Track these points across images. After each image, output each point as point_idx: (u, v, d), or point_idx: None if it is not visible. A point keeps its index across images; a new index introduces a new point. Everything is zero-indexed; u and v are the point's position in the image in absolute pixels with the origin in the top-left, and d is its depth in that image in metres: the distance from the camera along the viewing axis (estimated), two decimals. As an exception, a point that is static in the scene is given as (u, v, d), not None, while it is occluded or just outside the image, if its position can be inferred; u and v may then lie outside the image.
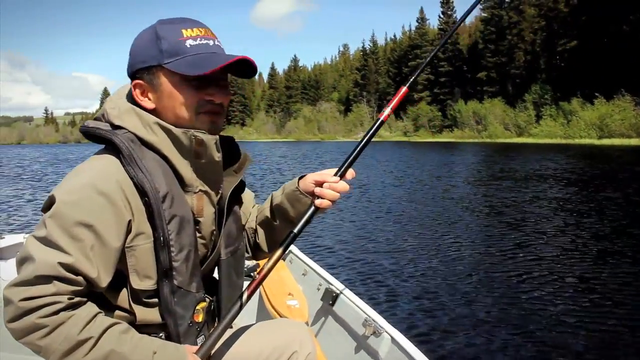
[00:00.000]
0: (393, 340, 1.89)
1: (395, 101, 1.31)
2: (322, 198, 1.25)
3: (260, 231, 1.46)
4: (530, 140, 51.39)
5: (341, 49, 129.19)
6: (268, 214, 1.41)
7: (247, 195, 1.47)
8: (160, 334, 1.17)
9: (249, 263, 2.81)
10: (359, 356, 2.09)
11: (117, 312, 1.14)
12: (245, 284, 1.30)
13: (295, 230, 1.24)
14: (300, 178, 1.34)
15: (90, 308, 1.06)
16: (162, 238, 1.11)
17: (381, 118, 1.32)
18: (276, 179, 17.40)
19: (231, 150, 1.30)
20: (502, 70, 63.29)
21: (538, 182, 14.50)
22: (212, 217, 1.24)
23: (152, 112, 1.16)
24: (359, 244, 7.38)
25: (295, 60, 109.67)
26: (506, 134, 56.90)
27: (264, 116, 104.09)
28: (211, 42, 1.16)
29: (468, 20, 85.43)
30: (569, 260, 6.08)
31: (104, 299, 1.13)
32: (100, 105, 1.27)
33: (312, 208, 1.26)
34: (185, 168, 1.17)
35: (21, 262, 1.03)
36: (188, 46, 1.13)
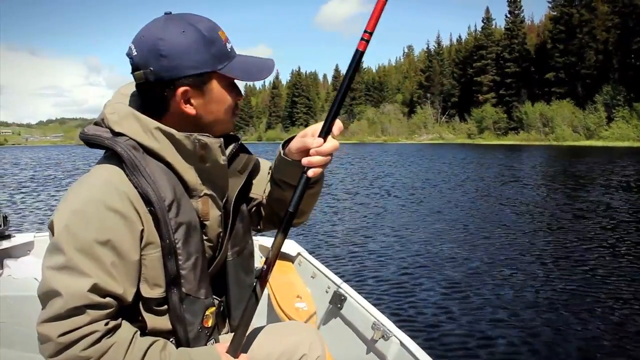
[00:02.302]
0: (402, 344, 1.87)
1: (373, 20, 1.13)
2: (311, 167, 1.16)
3: (274, 203, 1.40)
4: (600, 143, 49.81)
5: (405, 50, 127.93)
6: (272, 185, 1.37)
7: (263, 167, 1.43)
8: (171, 339, 1.18)
9: (257, 265, 3.13)
10: None
11: (128, 321, 1.12)
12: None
13: (291, 209, 1.16)
14: (285, 144, 1.28)
15: (128, 329, 1.08)
16: (169, 247, 1.10)
17: (360, 49, 1.12)
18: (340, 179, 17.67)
19: (235, 150, 1.29)
20: (572, 71, 61.23)
21: (606, 188, 14.08)
22: (218, 220, 1.24)
23: (191, 117, 1.14)
24: (371, 246, 7.42)
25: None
26: (574, 136, 55.27)
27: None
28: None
29: (537, 19, 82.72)
30: (621, 279, 5.55)
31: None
32: None
33: (304, 180, 1.16)
34: (189, 173, 1.15)
35: (47, 297, 1.01)
36: (229, 50, 1.15)
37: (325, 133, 1.15)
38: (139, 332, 1.11)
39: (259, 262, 3.05)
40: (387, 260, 6.62)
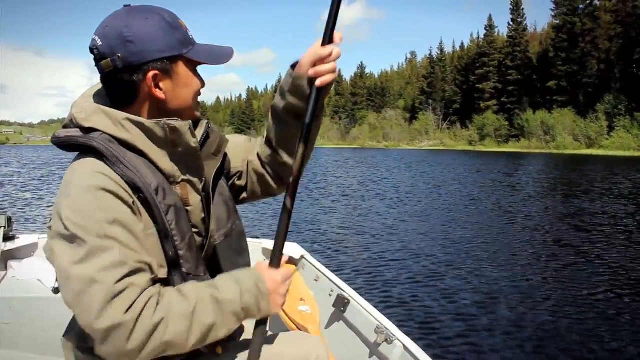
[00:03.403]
0: (405, 348, 1.86)
1: None
2: (319, 76, 1.18)
3: (281, 149, 1.40)
4: (600, 152, 49.90)
5: (408, 56, 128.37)
6: (278, 124, 1.37)
7: (238, 140, 1.48)
8: None
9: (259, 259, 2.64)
10: None
11: None
12: (252, 259, 1.38)
13: (308, 120, 1.19)
14: (293, 66, 1.27)
15: (164, 286, 1.10)
16: (164, 230, 1.12)
17: None
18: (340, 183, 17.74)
19: (207, 134, 1.30)
20: (574, 80, 61.35)
21: (602, 196, 14.17)
22: (200, 204, 1.25)
23: (161, 102, 1.17)
24: (375, 249, 7.51)
25: (361, 67, 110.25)
26: (575, 145, 55.37)
27: (329, 122, 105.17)
28: None
29: (539, 27, 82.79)
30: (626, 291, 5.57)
31: None
32: None
33: (315, 91, 1.19)
34: (163, 160, 1.17)
35: (81, 294, 0.98)
36: (191, 36, 1.18)
37: (328, 42, 1.19)
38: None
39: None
40: (390, 263, 6.67)
